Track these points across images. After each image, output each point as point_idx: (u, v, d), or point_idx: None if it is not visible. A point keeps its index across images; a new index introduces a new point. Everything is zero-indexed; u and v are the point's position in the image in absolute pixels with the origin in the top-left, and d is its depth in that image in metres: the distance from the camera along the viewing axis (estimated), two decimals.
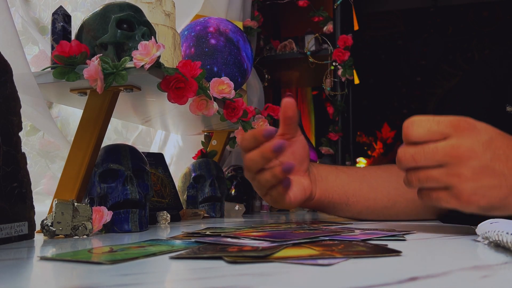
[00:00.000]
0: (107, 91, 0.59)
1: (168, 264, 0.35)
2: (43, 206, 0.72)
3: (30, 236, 0.52)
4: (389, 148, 3.84)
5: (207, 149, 1.07)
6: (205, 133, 1.09)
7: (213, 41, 0.94)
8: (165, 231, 0.63)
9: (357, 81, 1.70)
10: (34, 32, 1.00)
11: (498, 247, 0.41)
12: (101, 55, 0.58)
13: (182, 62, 0.63)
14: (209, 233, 0.51)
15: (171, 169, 1.05)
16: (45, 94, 0.69)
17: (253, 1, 1.67)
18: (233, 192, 1.07)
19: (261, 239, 0.45)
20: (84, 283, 0.29)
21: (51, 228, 0.53)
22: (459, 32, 3.89)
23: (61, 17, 0.67)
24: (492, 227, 0.41)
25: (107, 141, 1.01)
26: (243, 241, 0.45)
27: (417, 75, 3.98)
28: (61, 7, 0.69)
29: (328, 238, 0.46)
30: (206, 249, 0.40)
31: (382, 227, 0.59)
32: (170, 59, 0.77)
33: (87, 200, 0.65)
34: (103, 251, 0.41)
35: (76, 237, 0.55)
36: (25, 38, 1.01)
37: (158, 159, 0.90)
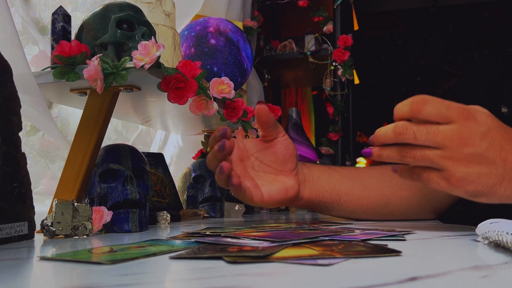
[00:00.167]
0: (107, 91, 0.59)
1: (168, 264, 0.35)
2: (43, 206, 0.72)
3: (30, 236, 0.52)
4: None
5: (207, 149, 1.07)
6: (205, 133, 1.09)
7: (213, 41, 0.94)
8: (165, 231, 0.63)
9: (357, 81, 1.70)
10: (34, 32, 1.00)
11: (498, 247, 0.41)
12: (101, 55, 0.58)
13: (182, 62, 0.62)
14: (209, 233, 0.51)
15: (171, 169, 1.05)
16: (45, 94, 0.69)
17: (253, 1, 1.67)
18: None
19: (261, 239, 0.45)
20: (84, 283, 0.29)
21: (51, 228, 0.53)
22: (459, 32, 3.89)
23: (61, 17, 0.67)
24: (492, 227, 0.41)
25: (107, 141, 1.01)
26: (243, 241, 0.45)
27: (417, 75, 3.98)
28: (61, 7, 0.69)
29: (328, 238, 0.46)
30: (206, 249, 0.40)
31: (382, 227, 0.59)
32: (170, 59, 0.77)
33: (87, 200, 0.65)
34: (103, 251, 0.41)
35: (76, 237, 0.55)
36: (25, 38, 1.01)
37: (158, 159, 0.90)
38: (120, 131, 1.15)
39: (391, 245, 0.42)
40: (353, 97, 1.74)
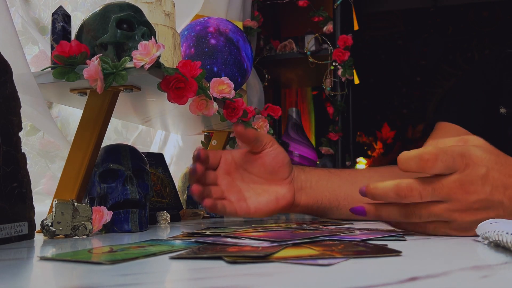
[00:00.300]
0: (107, 91, 0.59)
1: (168, 264, 0.35)
2: (43, 206, 0.72)
3: (30, 236, 0.52)
4: (389, 148, 3.84)
5: (207, 149, 1.07)
6: (205, 133, 1.09)
7: (213, 41, 0.94)
8: (165, 231, 0.63)
9: (357, 81, 1.70)
10: (34, 32, 1.00)
11: (498, 247, 0.41)
12: (101, 55, 0.58)
13: (182, 62, 0.62)
14: (209, 233, 0.51)
15: (171, 169, 1.05)
16: (45, 94, 0.69)
17: (253, 1, 1.67)
18: None
19: (261, 239, 0.45)
20: (84, 283, 0.29)
21: (51, 228, 0.53)
22: (459, 32, 3.89)
23: (61, 17, 0.67)
24: (492, 227, 0.41)
25: (107, 141, 1.01)
26: (243, 241, 0.45)
27: (417, 75, 3.98)
28: (61, 7, 0.69)
29: (328, 238, 0.46)
30: (206, 249, 0.40)
31: (382, 227, 0.59)
32: (170, 59, 0.77)
33: (87, 200, 0.65)
34: (103, 251, 0.41)
35: (76, 237, 0.55)
36: (25, 38, 1.01)
37: (158, 159, 0.90)
38: (120, 131, 1.15)
39: (391, 245, 0.42)
40: (353, 97, 1.74)
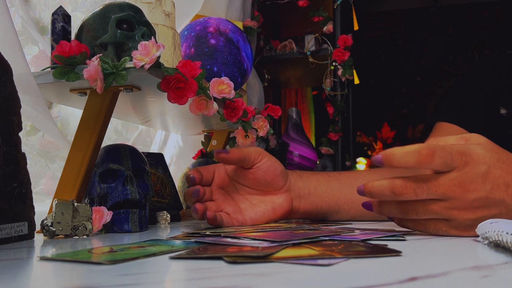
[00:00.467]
0: (107, 91, 0.59)
1: (168, 264, 0.35)
2: (43, 206, 0.72)
3: (30, 236, 0.52)
4: (389, 148, 3.84)
5: (207, 149, 1.07)
6: (205, 133, 1.09)
7: (213, 41, 0.94)
8: (165, 231, 0.63)
9: (357, 81, 1.70)
10: (34, 32, 1.00)
11: (498, 247, 0.41)
12: (101, 55, 0.58)
13: (182, 62, 0.62)
14: (209, 233, 0.51)
15: (171, 169, 1.05)
16: (45, 94, 0.69)
17: (253, 1, 1.67)
18: None
19: (261, 239, 0.45)
20: (84, 283, 0.29)
21: (51, 228, 0.53)
22: (459, 32, 3.89)
23: (61, 17, 0.67)
24: (492, 227, 0.41)
25: (107, 141, 1.01)
26: (243, 241, 0.45)
27: (417, 75, 3.98)
28: (61, 7, 0.69)
29: (328, 238, 0.46)
30: (206, 249, 0.40)
31: (382, 227, 0.59)
32: (170, 59, 0.77)
33: (87, 200, 0.65)
34: (103, 251, 0.41)
35: (76, 237, 0.55)
36: (25, 38, 1.01)
37: (158, 159, 0.90)
38: (120, 131, 1.15)
39: (391, 245, 0.42)
40: (353, 97, 1.74)
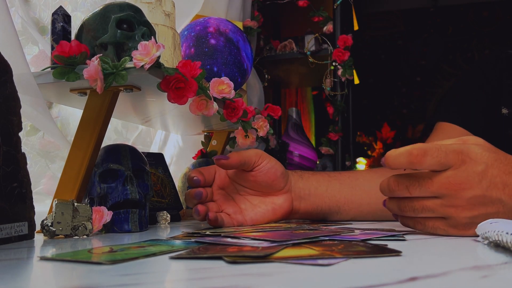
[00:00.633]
0: (107, 91, 0.59)
1: (168, 264, 0.35)
2: (43, 206, 0.72)
3: (30, 236, 0.52)
4: (389, 148, 3.84)
5: (207, 149, 1.07)
6: (205, 133, 1.09)
7: (213, 41, 0.94)
8: (165, 231, 0.63)
9: (357, 81, 1.70)
10: (34, 32, 1.00)
11: (498, 247, 0.41)
12: (101, 55, 0.58)
13: (182, 62, 0.62)
14: (209, 233, 0.51)
15: (171, 169, 1.05)
16: (45, 94, 0.69)
17: (253, 1, 1.67)
18: None
19: (261, 239, 0.45)
20: (84, 283, 0.29)
21: (51, 228, 0.53)
22: (459, 32, 3.89)
23: (61, 17, 0.67)
24: (492, 227, 0.41)
25: (107, 141, 1.01)
26: (243, 241, 0.45)
27: (417, 75, 3.98)
28: (61, 7, 0.69)
29: (328, 238, 0.46)
30: (206, 249, 0.40)
31: (382, 227, 0.59)
32: (170, 59, 0.77)
33: (87, 200, 0.65)
34: (103, 251, 0.41)
35: (76, 237, 0.55)
36: (25, 38, 1.01)
37: (158, 159, 0.90)
38: (120, 131, 1.15)
39: (391, 245, 0.42)
40: (353, 97, 1.74)
